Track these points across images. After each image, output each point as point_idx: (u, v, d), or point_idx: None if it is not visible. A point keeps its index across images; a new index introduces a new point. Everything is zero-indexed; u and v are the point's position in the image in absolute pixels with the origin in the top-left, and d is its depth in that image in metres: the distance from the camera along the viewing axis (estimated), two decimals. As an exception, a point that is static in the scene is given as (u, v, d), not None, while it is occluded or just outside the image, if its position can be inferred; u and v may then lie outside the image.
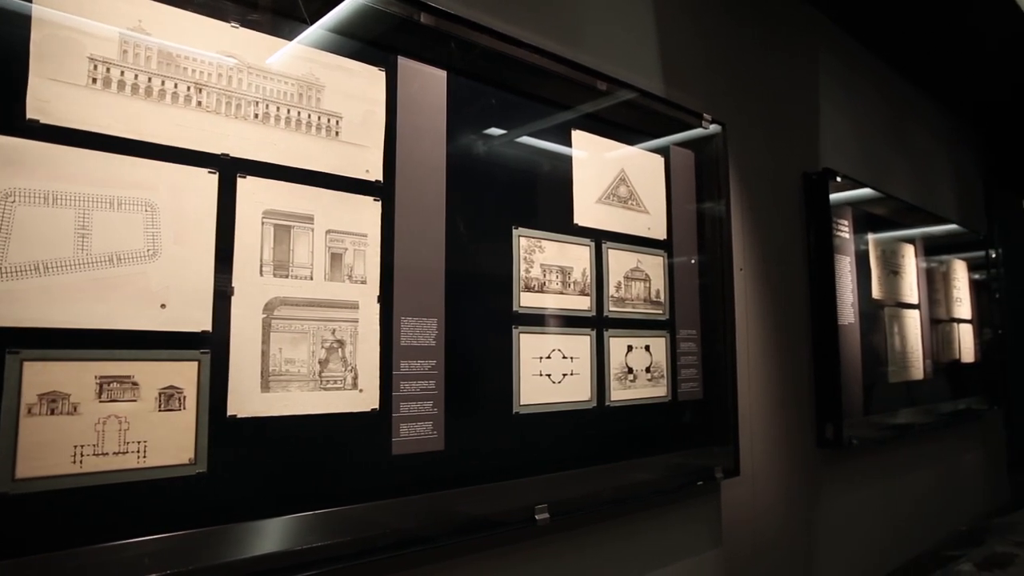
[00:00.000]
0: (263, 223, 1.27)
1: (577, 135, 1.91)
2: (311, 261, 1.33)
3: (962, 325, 4.54)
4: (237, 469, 1.21)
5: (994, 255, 5.43)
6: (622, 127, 2.05)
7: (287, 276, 1.29)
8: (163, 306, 1.16)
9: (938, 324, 4.20)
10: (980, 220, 5.17)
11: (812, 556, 2.84)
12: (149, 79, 1.18)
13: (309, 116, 1.35)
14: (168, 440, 1.15)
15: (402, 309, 1.47)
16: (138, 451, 1.12)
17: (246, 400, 1.23)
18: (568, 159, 1.89)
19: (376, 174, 1.46)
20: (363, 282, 1.41)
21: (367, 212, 1.43)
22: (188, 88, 1.21)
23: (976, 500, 4.54)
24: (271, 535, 1.23)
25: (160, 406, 1.14)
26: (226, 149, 1.24)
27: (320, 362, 1.32)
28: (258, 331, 1.25)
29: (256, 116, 1.28)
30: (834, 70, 3.45)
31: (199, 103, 1.22)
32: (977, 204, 5.19)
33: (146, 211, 1.15)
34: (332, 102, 1.39)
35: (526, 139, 1.79)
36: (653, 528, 2.06)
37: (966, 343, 4.56)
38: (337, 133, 1.39)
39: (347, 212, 1.40)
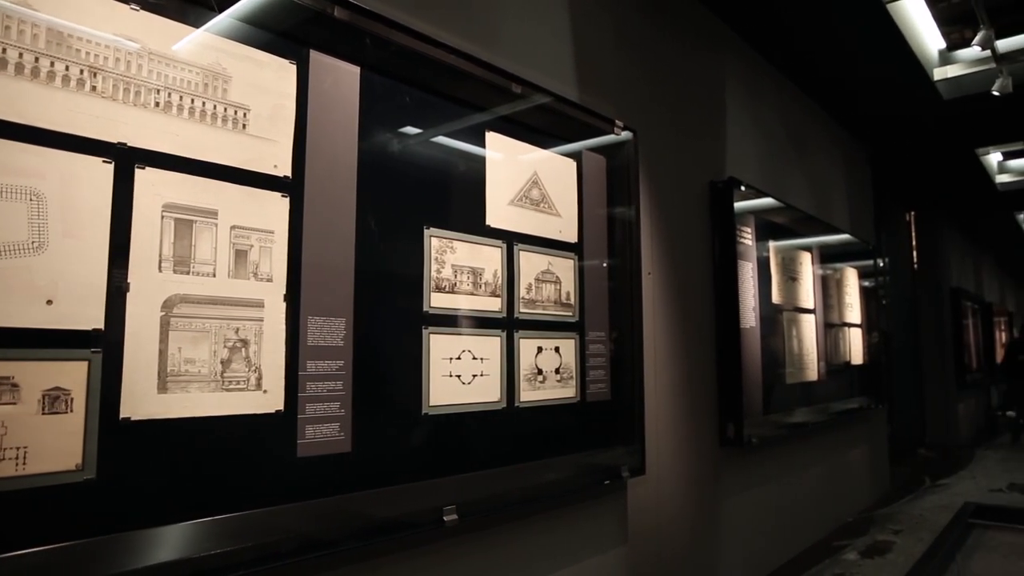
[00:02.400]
0: (163, 217, 1.27)
1: (491, 137, 2.00)
2: (214, 257, 1.34)
3: (852, 329, 5.01)
4: (131, 474, 1.20)
5: (881, 264, 6.02)
6: (536, 130, 2.15)
7: (188, 272, 1.29)
8: (49, 302, 1.14)
9: (831, 328, 4.62)
10: (869, 231, 5.72)
11: (714, 550, 3.07)
12: (36, 59, 1.15)
13: (215, 107, 1.36)
14: (52, 445, 1.13)
15: (309, 308, 1.50)
16: (17, 457, 1.09)
17: (141, 402, 1.22)
18: (482, 160, 1.97)
19: (285, 169, 1.48)
20: (269, 280, 1.43)
21: (274, 208, 1.45)
22: (81, 71, 1.19)
23: (862, 492, 5.04)
24: (167, 543, 1.23)
25: (44, 409, 1.12)
26: (123, 138, 1.23)
27: (222, 362, 1.33)
28: (155, 329, 1.24)
29: (157, 104, 1.27)
30: (740, 84, 3.74)
31: (94, 88, 1.20)
32: (867, 216, 5.74)
33: (32, 200, 1.13)
34: (239, 94, 1.40)
35: (440, 139, 1.86)
36: (561, 527, 2.18)
37: (856, 346, 5.03)
38: (244, 126, 1.40)
39: (253, 208, 1.41)
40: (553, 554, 2.14)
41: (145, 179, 1.25)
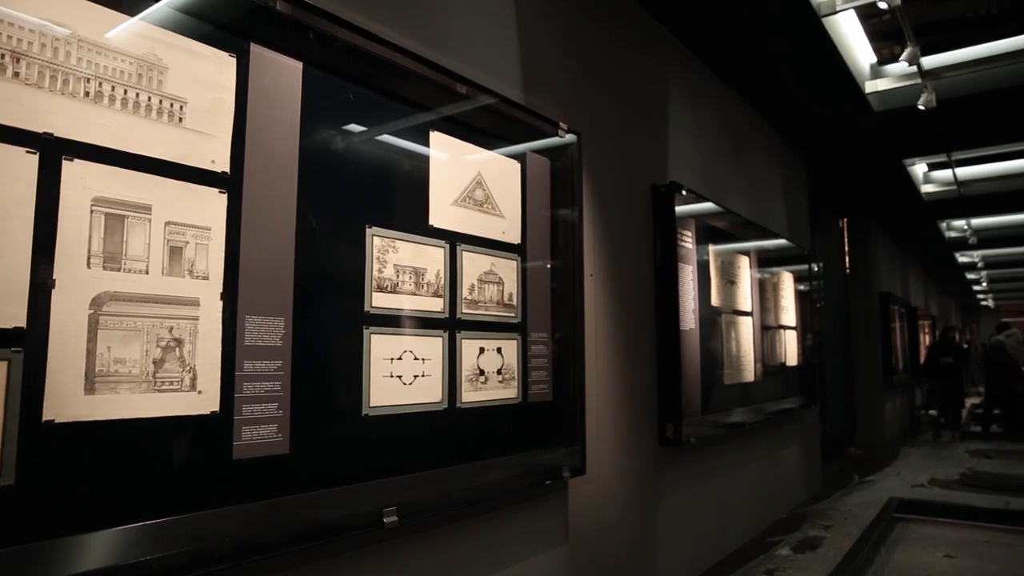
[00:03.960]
0: (92, 211, 1.24)
1: (435, 136, 2.02)
2: (147, 254, 1.32)
3: (788, 331, 5.25)
4: (54, 480, 1.17)
5: (816, 268, 6.32)
6: (480, 131, 2.19)
7: (119, 269, 1.27)
8: (-34, 299, 1.10)
9: (768, 330, 4.82)
10: (805, 236, 6.00)
11: (653, 548, 3.17)
12: (-47, 43, 1.11)
13: (149, 99, 1.34)
14: (-33, 449, 1.09)
15: (247, 307, 1.49)
16: (-73, 463, 1.06)
17: (66, 403, 1.19)
18: (425, 160, 1.99)
19: (223, 165, 1.46)
20: (205, 278, 1.41)
21: (212, 204, 1.44)
22: (2, 56, 1.16)
23: (796, 489, 5.28)
24: (94, 551, 1.21)
25: (-42, 411, 1.09)
26: (50, 128, 1.20)
27: (155, 362, 1.31)
28: (83, 328, 1.22)
29: (87, 94, 1.25)
30: (683, 89, 3.87)
31: (16, 74, 1.17)
32: (803, 222, 6.02)
33: (-52, 192, 1.09)
34: (176, 86, 1.38)
35: (384, 138, 1.87)
36: (502, 527, 2.22)
37: (791, 348, 5.27)
38: (181, 119, 1.39)
39: (189, 203, 1.39)
40: (495, 554, 2.18)
41: (73, 171, 1.23)
